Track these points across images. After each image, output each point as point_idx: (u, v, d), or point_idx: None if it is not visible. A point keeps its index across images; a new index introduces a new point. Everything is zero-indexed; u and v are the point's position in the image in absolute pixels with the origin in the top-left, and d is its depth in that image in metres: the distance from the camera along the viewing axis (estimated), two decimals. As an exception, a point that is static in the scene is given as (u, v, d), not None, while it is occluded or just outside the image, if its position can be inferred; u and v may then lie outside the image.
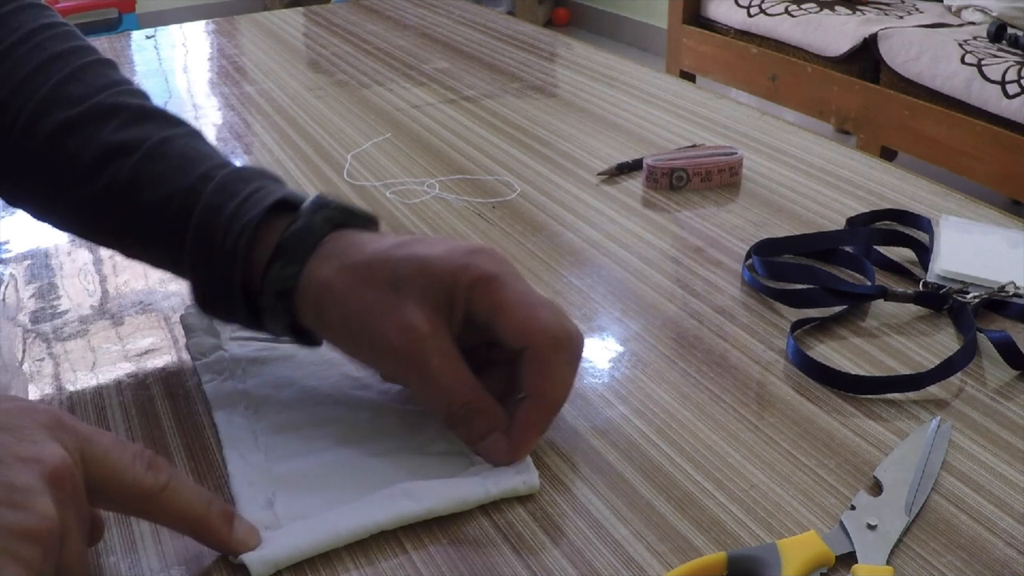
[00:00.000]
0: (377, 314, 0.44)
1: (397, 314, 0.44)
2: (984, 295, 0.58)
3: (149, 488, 0.37)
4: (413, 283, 0.44)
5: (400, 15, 1.37)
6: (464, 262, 0.45)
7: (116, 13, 4.08)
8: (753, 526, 0.42)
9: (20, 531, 0.31)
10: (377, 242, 0.47)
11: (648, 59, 3.72)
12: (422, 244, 0.46)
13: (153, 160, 0.51)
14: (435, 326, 0.44)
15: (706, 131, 0.90)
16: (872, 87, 2.38)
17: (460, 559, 0.41)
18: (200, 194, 0.49)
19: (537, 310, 0.44)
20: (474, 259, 0.45)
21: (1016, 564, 0.40)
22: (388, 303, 0.44)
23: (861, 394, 0.51)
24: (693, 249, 0.67)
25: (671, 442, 0.48)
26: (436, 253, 0.45)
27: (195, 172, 0.50)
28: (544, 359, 0.44)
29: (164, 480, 0.38)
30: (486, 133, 0.90)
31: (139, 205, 0.50)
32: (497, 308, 0.44)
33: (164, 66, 1.19)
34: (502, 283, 0.44)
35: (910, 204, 0.73)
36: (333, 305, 0.46)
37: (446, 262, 0.45)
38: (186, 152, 0.52)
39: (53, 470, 0.33)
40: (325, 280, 0.46)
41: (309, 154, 0.86)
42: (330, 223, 0.48)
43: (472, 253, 0.45)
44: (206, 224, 0.48)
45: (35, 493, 0.32)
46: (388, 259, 0.45)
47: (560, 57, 1.17)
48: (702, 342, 0.56)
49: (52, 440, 0.34)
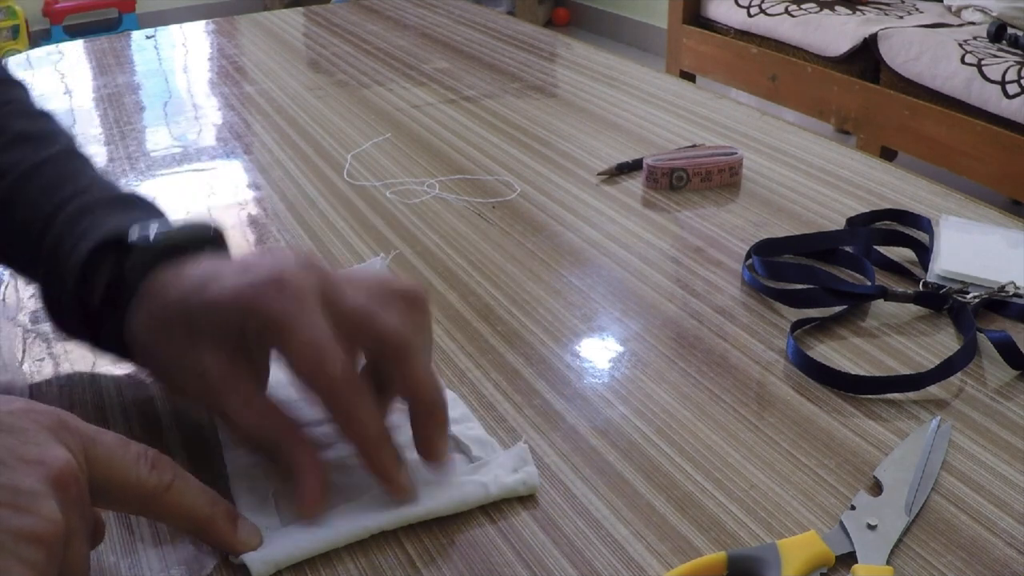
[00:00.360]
0: (178, 365, 0.45)
1: (194, 365, 0.44)
2: (984, 295, 0.58)
3: (152, 488, 0.37)
4: (207, 331, 0.44)
5: (400, 15, 1.37)
6: (248, 307, 0.42)
7: (116, 13, 4.08)
8: (753, 526, 0.42)
9: (25, 534, 0.31)
10: (180, 283, 0.45)
11: (648, 59, 3.72)
12: (216, 285, 0.44)
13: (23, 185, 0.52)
14: (229, 374, 0.43)
15: (706, 131, 0.90)
16: (872, 87, 2.38)
17: (460, 559, 0.41)
18: (52, 226, 0.50)
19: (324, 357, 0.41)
20: (259, 301, 0.42)
21: (1016, 564, 0.40)
22: (186, 354, 0.44)
23: (861, 394, 0.51)
24: (693, 249, 0.67)
25: (671, 442, 0.48)
26: (226, 296, 0.43)
27: (54, 199, 0.51)
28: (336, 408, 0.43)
29: (168, 479, 0.38)
30: (486, 133, 0.90)
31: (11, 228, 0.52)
32: (284, 353, 0.42)
33: (164, 66, 1.19)
34: (284, 331, 0.42)
35: (910, 204, 0.73)
36: (144, 355, 0.47)
37: (233, 307, 0.43)
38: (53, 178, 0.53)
39: (58, 473, 0.33)
40: (135, 333, 0.47)
41: (309, 154, 0.86)
42: (139, 269, 0.47)
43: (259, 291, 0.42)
44: (51, 259, 0.50)
45: (40, 496, 0.32)
46: (184, 307, 0.44)
47: (560, 57, 1.17)
48: (702, 342, 0.56)
49: (55, 442, 0.34)
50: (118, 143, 0.91)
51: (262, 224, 0.73)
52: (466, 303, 0.61)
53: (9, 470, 0.32)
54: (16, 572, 0.30)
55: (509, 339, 0.57)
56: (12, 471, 0.32)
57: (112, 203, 0.51)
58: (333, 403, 0.42)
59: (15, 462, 0.33)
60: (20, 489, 0.32)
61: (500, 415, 0.50)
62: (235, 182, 0.81)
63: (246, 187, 0.80)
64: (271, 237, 0.71)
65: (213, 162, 0.86)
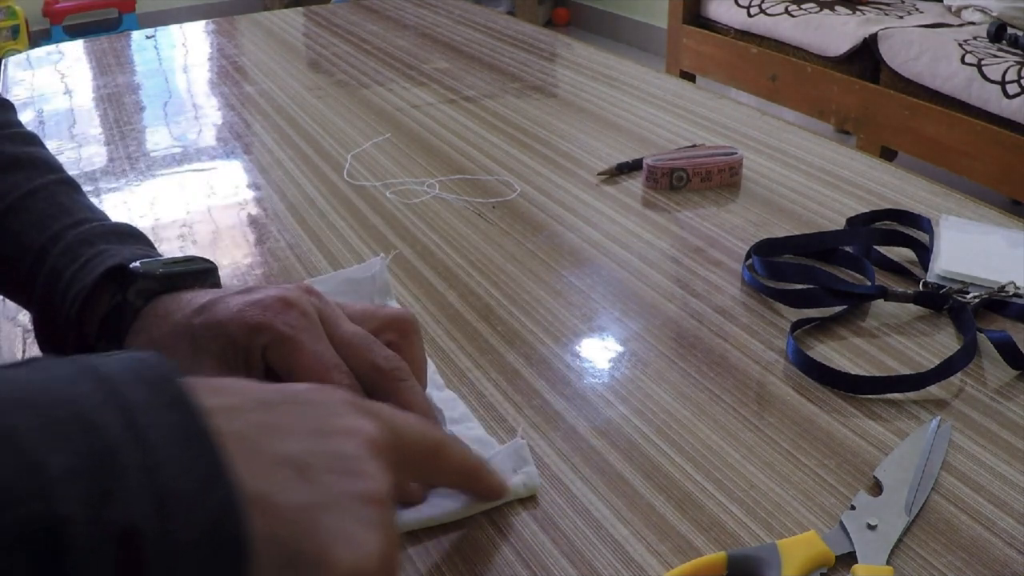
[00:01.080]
0: None
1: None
2: (984, 295, 0.58)
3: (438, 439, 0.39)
4: (209, 349, 0.44)
5: (400, 15, 1.37)
6: (257, 322, 0.44)
7: (116, 13, 4.08)
8: (753, 526, 0.42)
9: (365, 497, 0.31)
10: (183, 309, 0.46)
11: (648, 59, 3.72)
12: (222, 305, 0.45)
13: (13, 215, 0.53)
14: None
15: (706, 131, 0.90)
16: (872, 87, 2.38)
17: (460, 559, 0.41)
18: (48, 255, 0.51)
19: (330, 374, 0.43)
20: (267, 319, 0.44)
21: (1016, 564, 0.40)
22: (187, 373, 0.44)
23: (861, 394, 0.51)
24: (693, 249, 0.67)
25: (671, 442, 0.48)
26: (232, 315, 0.44)
27: (49, 230, 0.52)
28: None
29: (443, 434, 0.40)
30: (486, 133, 0.90)
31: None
32: (288, 374, 0.44)
33: (164, 66, 1.19)
34: (294, 346, 0.43)
35: (910, 204, 0.73)
36: None
37: (239, 324, 0.44)
38: (44, 208, 0.53)
39: (374, 439, 0.34)
40: None
41: (309, 154, 0.86)
42: (143, 296, 0.48)
43: (267, 310, 0.44)
44: (48, 287, 0.50)
45: (365, 460, 0.32)
46: (188, 329, 0.45)
47: (560, 57, 1.17)
48: (702, 342, 0.56)
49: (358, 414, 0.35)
50: (118, 143, 0.91)
51: (262, 224, 0.73)
52: (466, 303, 0.61)
53: (328, 438, 0.32)
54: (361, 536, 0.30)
55: (509, 339, 0.57)
56: (333, 439, 0.33)
57: (108, 235, 0.52)
58: None
59: (331, 431, 0.33)
60: (347, 455, 0.32)
61: (500, 415, 0.50)
62: (235, 182, 0.81)
63: (246, 187, 0.80)
64: (271, 237, 0.71)
65: (213, 162, 0.86)
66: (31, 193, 0.54)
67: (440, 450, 0.39)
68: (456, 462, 0.40)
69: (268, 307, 0.44)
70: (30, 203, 0.53)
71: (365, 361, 0.44)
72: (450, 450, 0.39)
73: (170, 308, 0.47)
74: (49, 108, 1.01)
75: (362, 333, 0.45)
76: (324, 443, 0.32)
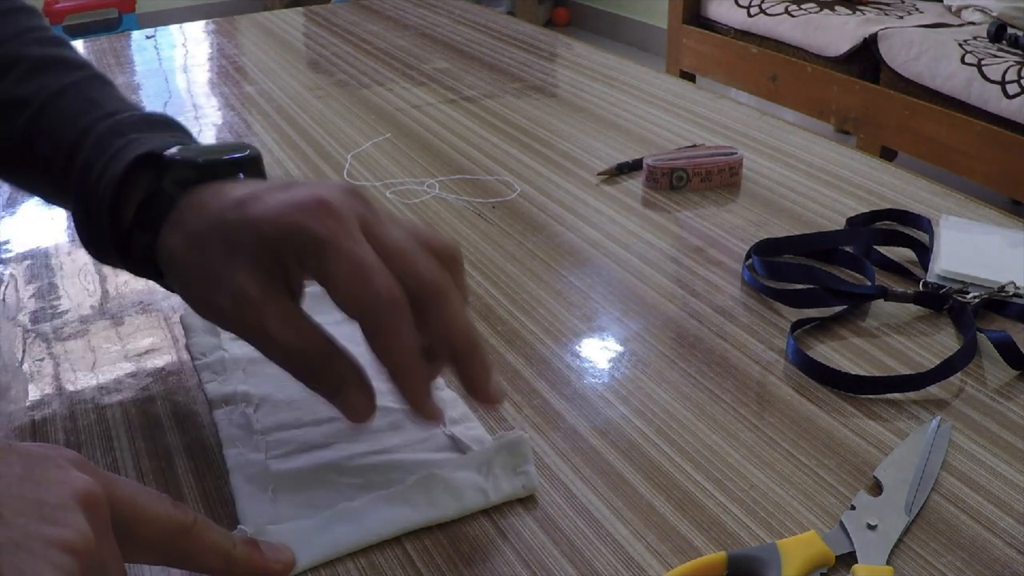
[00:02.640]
0: (214, 284, 0.43)
1: (229, 283, 0.42)
2: (984, 295, 0.58)
3: (183, 522, 0.36)
4: (244, 249, 0.42)
5: (400, 15, 1.37)
6: (291, 223, 0.41)
7: (116, 13, 4.08)
8: (753, 526, 0.42)
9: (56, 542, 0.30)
10: (220, 201, 0.44)
11: (648, 59, 3.72)
12: (259, 202, 0.43)
13: (45, 115, 0.52)
14: (267, 290, 0.42)
15: (706, 131, 0.90)
16: (872, 87, 2.38)
17: (460, 559, 0.41)
18: (80, 149, 0.50)
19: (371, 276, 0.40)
20: (303, 219, 0.41)
21: (1016, 564, 0.40)
22: (222, 272, 0.43)
23: (861, 394, 0.51)
24: (693, 249, 0.67)
25: (671, 442, 0.48)
26: (268, 214, 0.42)
27: (79, 125, 0.51)
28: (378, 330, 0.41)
29: (193, 515, 0.36)
30: (486, 133, 0.90)
31: (34, 160, 0.52)
32: (325, 279, 0.41)
33: (164, 66, 1.19)
34: (330, 250, 0.40)
35: (910, 204, 0.73)
36: (178, 274, 0.45)
37: (274, 225, 0.42)
38: (75, 105, 0.53)
39: (85, 493, 0.32)
40: (170, 250, 0.45)
41: (309, 154, 0.86)
42: (179, 185, 0.46)
43: (303, 210, 0.41)
44: (83, 181, 0.49)
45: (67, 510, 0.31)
46: (223, 224, 0.43)
47: (560, 57, 1.17)
48: (702, 342, 0.56)
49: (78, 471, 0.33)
50: (118, 143, 0.91)
51: (262, 224, 0.73)
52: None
53: (34, 486, 0.31)
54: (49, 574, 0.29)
55: (509, 339, 0.57)
56: (37, 487, 0.31)
57: (141, 124, 0.51)
58: (375, 323, 0.40)
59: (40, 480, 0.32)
60: (47, 502, 0.31)
61: (500, 415, 0.50)
62: (235, 182, 0.81)
63: (246, 187, 0.80)
64: (271, 237, 0.71)
65: (213, 162, 0.86)
66: (61, 91, 0.53)
67: (189, 531, 0.36)
68: (209, 544, 0.37)
69: (302, 207, 0.41)
70: (61, 101, 0.52)
71: (408, 270, 0.41)
72: (200, 531, 0.36)
73: (206, 200, 0.45)
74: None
75: (407, 245, 0.42)
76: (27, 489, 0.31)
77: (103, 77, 0.56)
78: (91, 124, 0.51)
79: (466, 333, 0.42)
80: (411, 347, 0.41)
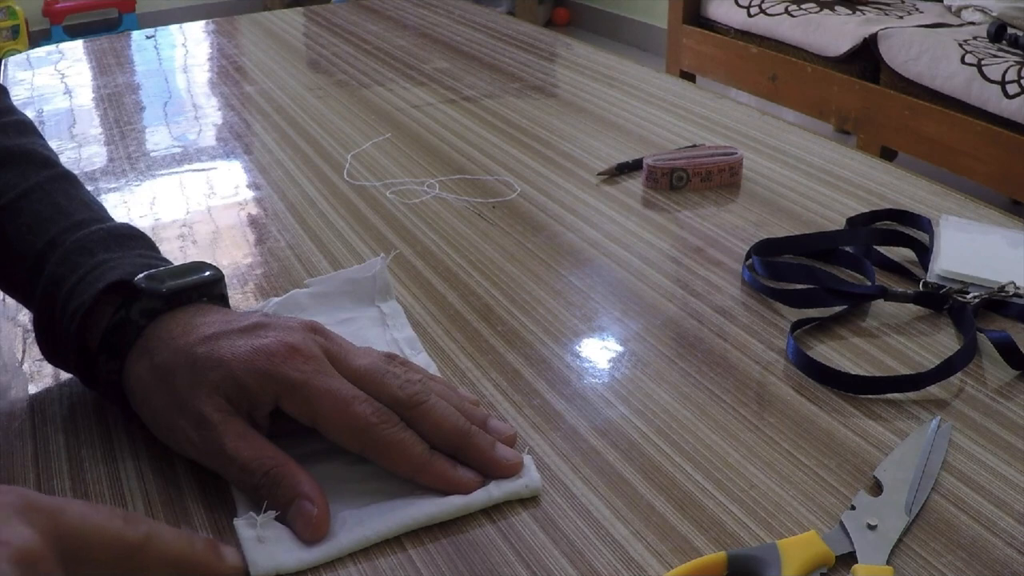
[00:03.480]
0: (177, 412, 0.45)
1: (192, 409, 0.44)
2: (984, 295, 0.58)
3: (134, 540, 0.36)
4: (210, 381, 0.44)
5: (400, 15, 1.37)
6: (266, 371, 0.44)
7: (116, 13, 4.08)
8: (753, 526, 0.42)
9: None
10: (188, 334, 0.46)
11: (648, 59, 3.72)
12: (226, 342, 0.45)
13: (9, 217, 0.52)
14: (226, 414, 0.44)
15: (706, 131, 0.90)
16: (872, 87, 2.38)
17: (460, 559, 0.41)
18: (46, 263, 0.50)
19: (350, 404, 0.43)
20: (275, 367, 0.44)
21: (1016, 564, 0.40)
22: (186, 399, 0.44)
23: (861, 394, 0.51)
24: (693, 249, 0.67)
25: (671, 442, 0.48)
26: (237, 358, 0.44)
27: (46, 236, 0.51)
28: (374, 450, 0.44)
29: (145, 530, 0.36)
30: (486, 133, 0.90)
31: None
32: (312, 418, 0.44)
33: (164, 66, 1.19)
34: (310, 391, 0.44)
35: (910, 204, 0.73)
36: (143, 401, 0.47)
37: (248, 371, 0.44)
38: (41, 210, 0.53)
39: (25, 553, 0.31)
40: (137, 377, 0.46)
41: (309, 154, 0.86)
42: (147, 315, 0.47)
43: (274, 357, 0.44)
44: (48, 297, 0.49)
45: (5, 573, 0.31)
46: (191, 357, 0.45)
47: (560, 57, 1.17)
48: (702, 342, 0.56)
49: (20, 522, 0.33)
50: (118, 143, 0.91)
51: (262, 224, 0.73)
52: (466, 303, 0.61)
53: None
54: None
55: (509, 339, 0.57)
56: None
57: (108, 240, 0.51)
58: (369, 440, 0.44)
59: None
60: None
61: (500, 415, 0.50)
62: (235, 182, 0.81)
63: (246, 187, 0.80)
64: (271, 237, 0.71)
65: (213, 162, 0.86)
66: (25, 194, 0.53)
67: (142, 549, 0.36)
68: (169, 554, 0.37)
69: (275, 354, 0.44)
70: (25, 205, 0.53)
71: (383, 394, 0.45)
72: (157, 544, 0.36)
73: (173, 332, 0.47)
74: (49, 108, 1.01)
75: (374, 364, 0.46)
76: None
77: (69, 176, 0.56)
78: (58, 236, 0.51)
79: (454, 431, 0.45)
80: (412, 453, 0.44)
